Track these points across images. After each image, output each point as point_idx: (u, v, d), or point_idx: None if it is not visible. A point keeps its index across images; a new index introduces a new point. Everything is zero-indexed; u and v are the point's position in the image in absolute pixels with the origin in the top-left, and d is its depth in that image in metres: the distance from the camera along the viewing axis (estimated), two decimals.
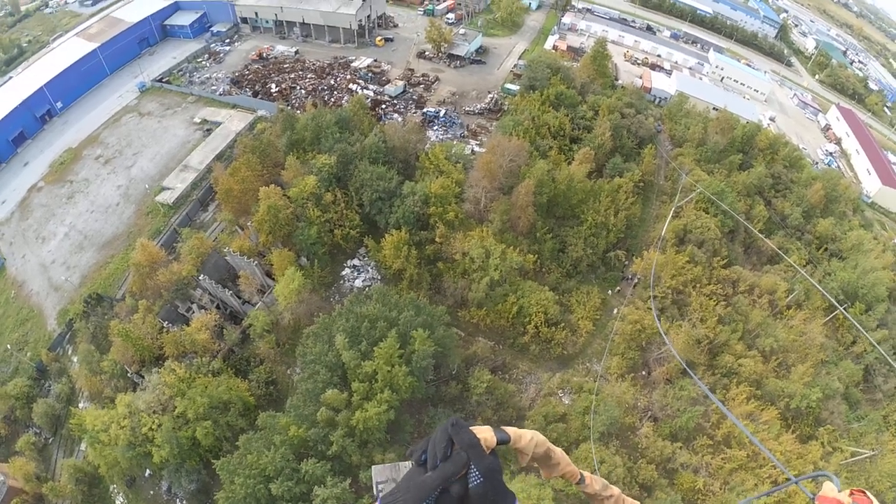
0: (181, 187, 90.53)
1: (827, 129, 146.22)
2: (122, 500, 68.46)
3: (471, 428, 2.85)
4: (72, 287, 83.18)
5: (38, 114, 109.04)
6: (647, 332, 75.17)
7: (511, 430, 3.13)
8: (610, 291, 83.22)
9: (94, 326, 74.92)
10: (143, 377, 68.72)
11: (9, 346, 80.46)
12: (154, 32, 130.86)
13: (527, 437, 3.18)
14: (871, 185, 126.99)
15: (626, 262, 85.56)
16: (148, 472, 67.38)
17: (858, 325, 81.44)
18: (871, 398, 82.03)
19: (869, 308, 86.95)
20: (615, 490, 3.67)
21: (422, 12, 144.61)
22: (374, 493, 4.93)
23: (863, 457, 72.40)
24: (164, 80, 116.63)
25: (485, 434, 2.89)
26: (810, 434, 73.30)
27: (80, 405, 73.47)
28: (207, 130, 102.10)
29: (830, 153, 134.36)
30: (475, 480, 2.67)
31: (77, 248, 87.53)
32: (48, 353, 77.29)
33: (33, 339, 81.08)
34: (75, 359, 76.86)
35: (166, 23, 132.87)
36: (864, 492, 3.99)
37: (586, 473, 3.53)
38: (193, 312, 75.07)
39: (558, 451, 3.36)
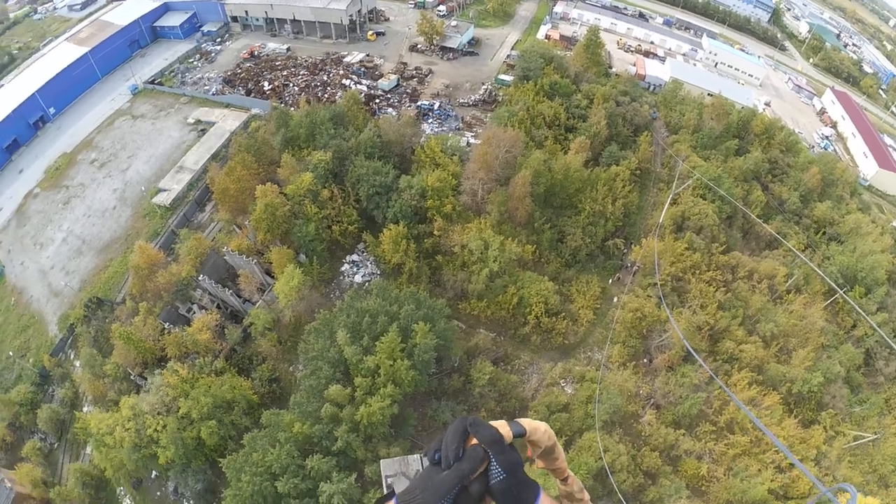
0: (177, 188, 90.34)
1: (822, 112, 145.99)
2: (129, 502, 68.75)
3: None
4: (71, 292, 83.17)
5: (31, 120, 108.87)
6: (647, 319, 75.24)
7: (526, 423, 3.06)
8: (610, 280, 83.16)
9: (96, 330, 74.99)
10: (145, 379, 68.81)
11: (11, 353, 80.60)
12: (144, 34, 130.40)
13: (541, 429, 3.12)
14: (867, 168, 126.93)
15: (625, 251, 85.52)
16: (154, 473, 67.56)
17: (859, 309, 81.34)
18: (872, 381, 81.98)
19: (868, 291, 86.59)
20: (586, 496, 3.66)
21: (413, 5, 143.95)
22: (384, 486, 4.93)
23: (866, 440, 72.57)
24: (156, 82, 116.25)
25: (502, 429, 2.84)
26: (812, 418, 73.46)
27: (84, 409, 73.61)
28: (202, 131, 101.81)
29: (826, 137, 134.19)
30: (498, 476, 2.64)
31: (75, 253, 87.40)
32: (50, 359, 77.26)
33: (35, 346, 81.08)
34: (77, 363, 76.93)
35: (156, 24, 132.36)
36: None
37: (570, 472, 3.53)
38: (194, 313, 75.03)
39: (559, 447, 3.33)
